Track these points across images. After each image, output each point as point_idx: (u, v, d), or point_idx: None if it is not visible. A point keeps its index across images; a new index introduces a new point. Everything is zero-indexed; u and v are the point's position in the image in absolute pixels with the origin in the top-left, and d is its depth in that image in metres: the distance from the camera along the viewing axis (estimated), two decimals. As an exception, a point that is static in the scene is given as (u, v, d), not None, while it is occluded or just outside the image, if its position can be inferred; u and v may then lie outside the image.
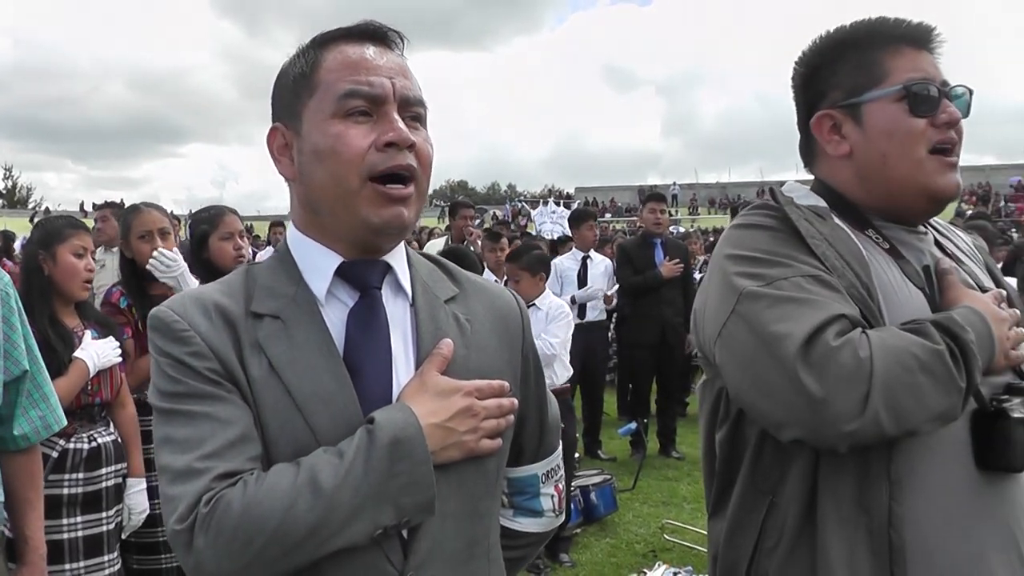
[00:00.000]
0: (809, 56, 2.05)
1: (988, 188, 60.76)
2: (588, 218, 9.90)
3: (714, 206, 69.70)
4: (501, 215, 36.93)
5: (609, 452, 9.56)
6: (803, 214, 1.90)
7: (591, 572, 6.34)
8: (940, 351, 1.68)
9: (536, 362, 1.90)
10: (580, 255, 9.63)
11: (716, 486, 2.01)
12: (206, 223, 4.75)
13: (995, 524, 1.83)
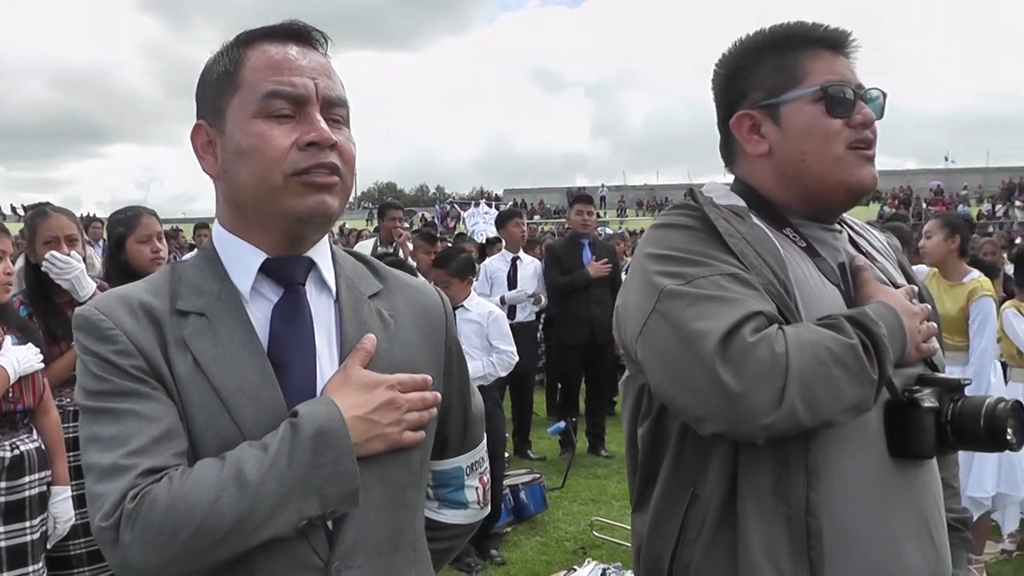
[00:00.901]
0: (729, 58, 2.09)
1: (909, 191, 62.01)
2: (514, 216, 9.94)
3: (642, 208, 70.21)
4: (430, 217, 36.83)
5: (539, 452, 9.61)
6: (722, 213, 1.95)
7: (521, 570, 6.38)
8: (853, 345, 1.73)
9: (459, 356, 1.93)
10: (509, 256, 9.69)
11: (639, 480, 2.05)
12: (123, 225, 4.69)
13: (908, 509, 1.89)
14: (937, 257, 6.09)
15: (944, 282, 6.12)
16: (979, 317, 5.93)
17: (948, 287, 6.09)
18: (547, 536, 7.08)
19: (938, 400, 1.90)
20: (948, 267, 6.13)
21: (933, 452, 1.90)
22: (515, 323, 9.12)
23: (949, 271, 6.13)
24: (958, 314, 6.01)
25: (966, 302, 5.97)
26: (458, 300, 6.60)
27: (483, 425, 2.04)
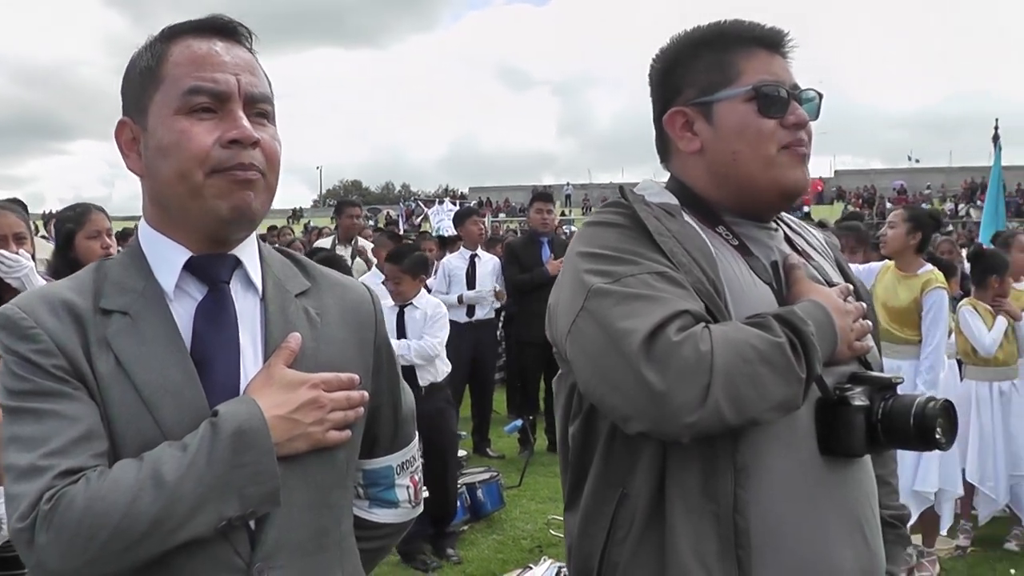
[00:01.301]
0: (666, 53, 2.09)
1: (873, 191, 62.60)
2: (472, 214, 9.97)
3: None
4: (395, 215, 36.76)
5: (498, 450, 9.62)
6: (652, 211, 1.94)
7: (478, 568, 6.38)
8: (780, 343, 1.73)
9: (389, 354, 1.93)
10: (468, 254, 9.67)
11: (570, 479, 2.05)
12: (72, 222, 4.66)
13: (839, 506, 1.90)
14: (895, 247, 6.14)
15: (899, 273, 6.17)
16: (932, 308, 5.99)
17: (902, 278, 6.14)
18: (504, 534, 7.09)
19: (869, 398, 1.90)
20: (904, 259, 6.18)
21: (863, 450, 1.91)
22: (475, 321, 9.14)
23: (905, 263, 6.18)
24: (911, 305, 6.06)
25: (919, 293, 6.02)
26: (408, 297, 6.63)
27: (414, 424, 2.03)
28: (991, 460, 6.46)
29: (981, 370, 6.63)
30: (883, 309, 6.13)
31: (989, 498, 6.56)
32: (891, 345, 6.10)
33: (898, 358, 6.06)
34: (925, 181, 64.71)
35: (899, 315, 6.07)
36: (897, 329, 6.09)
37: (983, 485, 6.47)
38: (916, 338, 6.06)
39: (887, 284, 6.19)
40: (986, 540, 6.82)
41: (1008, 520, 6.90)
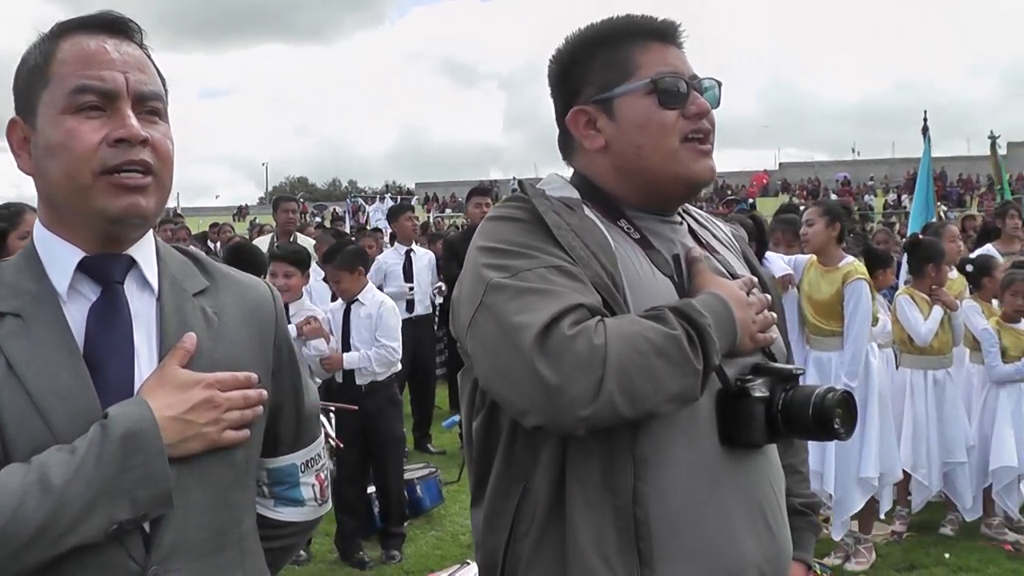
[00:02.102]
0: (563, 53, 2.10)
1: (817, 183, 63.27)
2: (405, 210, 10.00)
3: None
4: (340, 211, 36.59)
5: (440, 445, 9.63)
6: (552, 206, 1.94)
7: (415, 564, 6.37)
8: (676, 335, 1.74)
9: (290, 352, 1.91)
10: (403, 249, 9.67)
11: (475, 475, 2.05)
12: (5, 221, 4.61)
13: (742, 495, 1.92)
14: (818, 244, 6.19)
15: (821, 267, 6.23)
16: (852, 299, 6.05)
17: (824, 272, 6.20)
18: (443, 530, 7.09)
19: (770, 390, 1.92)
20: (827, 254, 6.24)
21: (763, 441, 1.94)
22: (414, 317, 9.13)
23: (827, 258, 6.24)
24: (833, 298, 6.12)
25: (841, 285, 6.08)
26: (352, 293, 6.60)
27: (319, 422, 2.02)
28: (924, 447, 6.55)
29: (916, 359, 6.71)
30: (808, 303, 6.23)
31: (922, 485, 6.65)
32: (818, 338, 6.21)
33: (826, 350, 6.17)
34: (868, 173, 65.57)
35: (824, 308, 6.14)
36: (823, 322, 6.16)
37: (916, 472, 6.56)
38: (841, 330, 6.12)
39: (811, 279, 6.25)
40: (922, 525, 6.92)
41: (943, 506, 7.01)
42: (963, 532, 6.81)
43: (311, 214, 54.07)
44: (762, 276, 2.24)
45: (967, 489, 6.68)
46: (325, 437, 5.71)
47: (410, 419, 9.29)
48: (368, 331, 6.57)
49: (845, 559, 6.20)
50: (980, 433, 6.70)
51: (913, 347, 6.68)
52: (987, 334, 6.66)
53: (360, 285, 6.67)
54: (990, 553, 6.41)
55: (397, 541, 6.67)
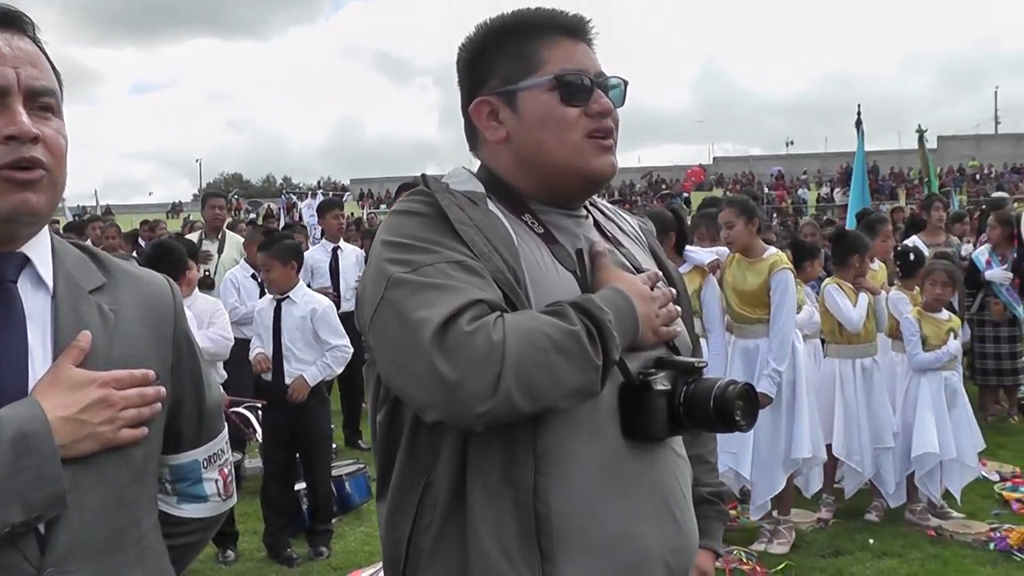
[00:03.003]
0: (471, 43, 2.09)
1: (752, 177, 63.90)
2: (333, 207, 9.93)
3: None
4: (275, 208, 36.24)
5: (369, 442, 9.44)
6: (455, 200, 1.94)
7: (344, 561, 6.34)
8: (575, 331, 1.74)
9: (190, 347, 1.89)
10: (330, 246, 9.63)
11: (380, 468, 2.05)
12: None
13: (646, 488, 1.93)
14: (744, 242, 6.25)
15: (745, 260, 6.29)
16: (779, 288, 6.13)
17: (749, 264, 6.26)
18: (371, 526, 7.03)
19: (672, 383, 1.93)
20: (751, 248, 6.30)
21: (665, 434, 1.95)
22: (341, 313, 9.06)
23: (751, 251, 6.30)
24: (761, 287, 6.20)
25: (767, 275, 6.15)
26: (283, 287, 6.53)
27: (221, 417, 2.00)
28: (856, 434, 6.66)
29: (843, 348, 6.82)
30: (734, 294, 6.30)
31: (855, 471, 6.77)
32: (745, 326, 6.29)
33: (753, 337, 6.25)
34: (802, 167, 66.35)
35: (750, 298, 6.22)
36: (749, 312, 6.24)
37: (850, 459, 6.66)
38: (768, 317, 6.21)
39: (735, 271, 6.32)
40: (847, 512, 7.03)
41: (869, 492, 7.11)
42: (887, 518, 6.93)
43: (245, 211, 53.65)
44: (668, 269, 2.26)
45: (891, 476, 6.79)
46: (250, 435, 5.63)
47: (339, 416, 9.23)
48: (302, 332, 6.51)
49: (768, 542, 6.28)
50: (903, 420, 6.82)
51: (841, 336, 6.78)
52: (909, 323, 6.79)
53: (292, 282, 6.60)
54: (913, 538, 6.52)
55: (325, 538, 6.64)
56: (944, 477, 6.76)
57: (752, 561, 6.02)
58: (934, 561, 6.08)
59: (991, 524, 6.69)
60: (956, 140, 64.11)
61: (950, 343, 6.80)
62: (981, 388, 10.28)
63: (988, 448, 8.36)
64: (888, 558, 6.17)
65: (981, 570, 5.91)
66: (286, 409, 6.41)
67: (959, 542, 6.44)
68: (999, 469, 8.02)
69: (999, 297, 9.92)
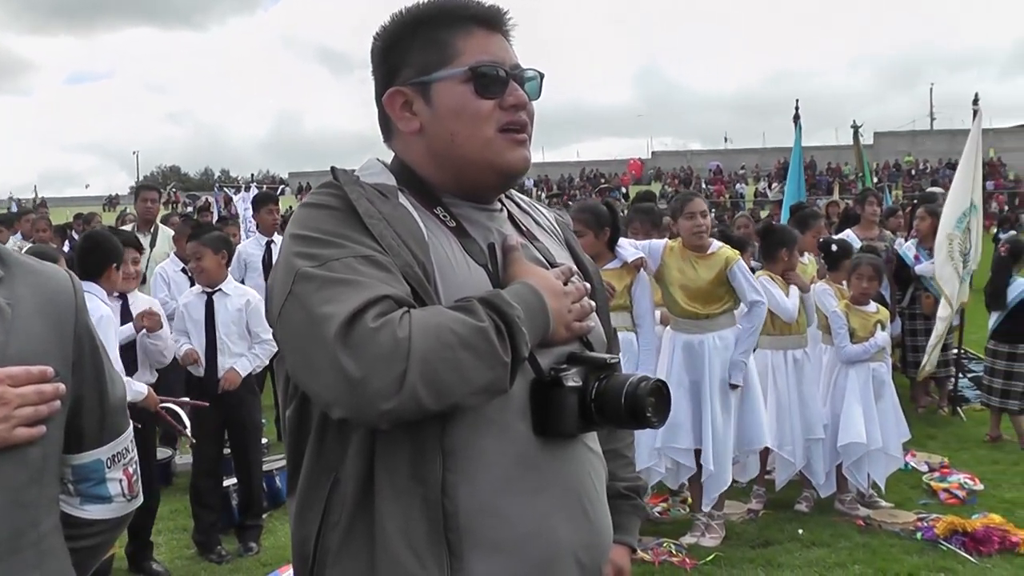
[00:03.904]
0: (386, 32, 2.06)
1: (690, 171, 64.42)
2: (268, 202, 9.85)
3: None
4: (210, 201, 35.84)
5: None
6: (365, 193, 1.91)
7: (273, 556, 6.28)
8: (483, 327, 1.72)
9: (92, 343, 1.85)
10: (264, 240, 9.52)
11: (290, 464, 2.02)
12: None
13: (557, 484, 1.92)
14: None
15: (693, 255, 6.30)
16: (742, 279, 6.23)
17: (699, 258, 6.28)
18: (303, 521, 6.95)
19: (584, 379, 1.92)
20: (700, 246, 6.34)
21: (576, 431, 1.93)
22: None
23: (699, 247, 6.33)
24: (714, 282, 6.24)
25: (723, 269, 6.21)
26: (214, 279, 6.44)
27: (126, 414, 1.96)
28: (788, 425, 6.73)
29: (775, 339, 6.88)
30: (680, 290, 6.28)
31: (787, 462, 6.85)
32: (690, 322, 6.29)
33: (699, 333, 6.27)
34: (740, 161, 66.94)
35: (702, 294, 6.23)
36: (700, 308, 6.25)
37: (781, 450, 6.73)
38: (718, 311, 6.27)
39: (682, 267, 6.30)
40: (777, 503, 7.10)
41: (799, 483, 7.19)
42: (817, 508, 7.01)
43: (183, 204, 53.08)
44: (584, 264, 2.25)
45: (821, 466, 6.88)
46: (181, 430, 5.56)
47: (271, 411, 9.15)
48: (237, 325, 6.44)
49: (701, 535, 6.33)
50: (832, 412, 6.90)
51: (773, 328, 6.83)
52: (836, 316, 6.89)
53: (223, 273, 6.52)
54: (842, 528, 6.60)
55: (255, 533, 6.58)
56: (869, 466, 6.85)
57: (682, 553, 6.06)
58: (862, 550, 6.16)
59: (919, 514, 6.78)
60: (892, 136, 64.99)
61: (878, 335, 6.90)
62: (912, 380, 10.44)
63: (918, 439, 8.53)
64: (817, 548, 6.24)
65: (908, 559, 5.99)
66: (219, 403, 6.34)
67: (887, 531, 6.52)
68: (928, 460, 8.12)
69: (929, 290, 10.07)
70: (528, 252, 2.04)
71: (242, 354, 6.43)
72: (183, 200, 55.20)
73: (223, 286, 6.47)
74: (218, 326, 6.41)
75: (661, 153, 73.81)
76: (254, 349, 6.45)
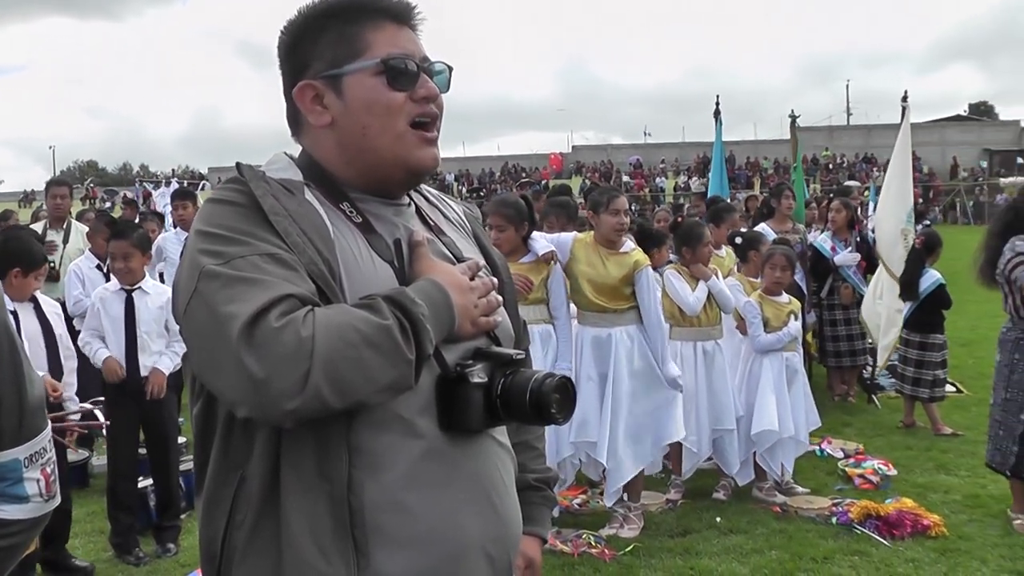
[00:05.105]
0: (294, 25, 2.05)
1: (610, 166, 64.66)
2: (186, 197, 9.73)
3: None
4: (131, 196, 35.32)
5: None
6: (270, 189, 1.91)
7: (191, 557, 6.21)
8: (387, 325, 1.73)
9: (11, 341, 1.82)
10: (184, 235, 9.33)
11: (198, 463, 2.01)
12: None
13: (464, 479, 1.93)
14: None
15: (605, 251, 6.33)
16: (645, 287, 6.30)
17: (610, 255, 6.31)
18: (222, 521, 6.89)
19: (489, 375, 1.94)
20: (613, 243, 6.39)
21: (482, 427, 1.95)
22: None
23: (612, 244, 6.38)
24: (621, 281, 6.28)
25: (631, 271, 6.26)
26: (138, 277, 6.34)
27: (44, 414, 1.92)
28: (693, 416, 6.82)
29: (685, 331, 6.98)
30: (588, 284, 6.32)
31: (691, 452, 6.93)
32: (597, 315, 6.33)
33: (607, 326, 6.31)
34: (660, 156, 67.26)
35: (609, 290, 6.27)
36: (606, 302, 6.29)
37: (686, 440, 6.80)
38: (625, 307, 6.30)
39: (592, 261, 6.33)
40: (695, 492, 7.20)
41: (716, 473, 7.31)
42: (736, 497, 7.15)
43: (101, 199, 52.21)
44: (493, 257, 2.26)
45: (735, 456, 7.00)
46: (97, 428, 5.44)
47: (188, 409, 9.02)
48: (157, 324, 6.36)
49: (620, 526, 6.38)
50: (747, 402, 7.02)
51: (683, 320, 6.93)
52: (750, 307, 7.01)
53: (143, 272, 6.44)
54: (759, 515, 6.72)
55: (173, 534, 6.51)
56: (782, 453, 7.01)
57: (601, 544, 6.11)
58: (779, 536, 6.28)
59: (834, 499, 6.92)
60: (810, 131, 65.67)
61: (791, 325, 7.04)
62: (829, 369, 10.67)
63: (834, 426, 8.73)
64: (734, 535, 6.34)
65: (823, 543, 6.11)
66: (137, 402, 6.26)
67: (803, 517, 6.65)
68: (844, 446, 8.30)
69: (848, 281, 10.29)
70: (435, 247, 2.05)
71: (162, 352, 6.35)
72: (101, 195, 54.29)
73: (142, 284, 6.37)
74: (139, 324, 6.30)
75: (582, 147, 73.81)
76: (173, 347, 6.36)
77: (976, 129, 66.94)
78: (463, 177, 64.30)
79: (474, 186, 57.25)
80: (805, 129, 63.64)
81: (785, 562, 5.83)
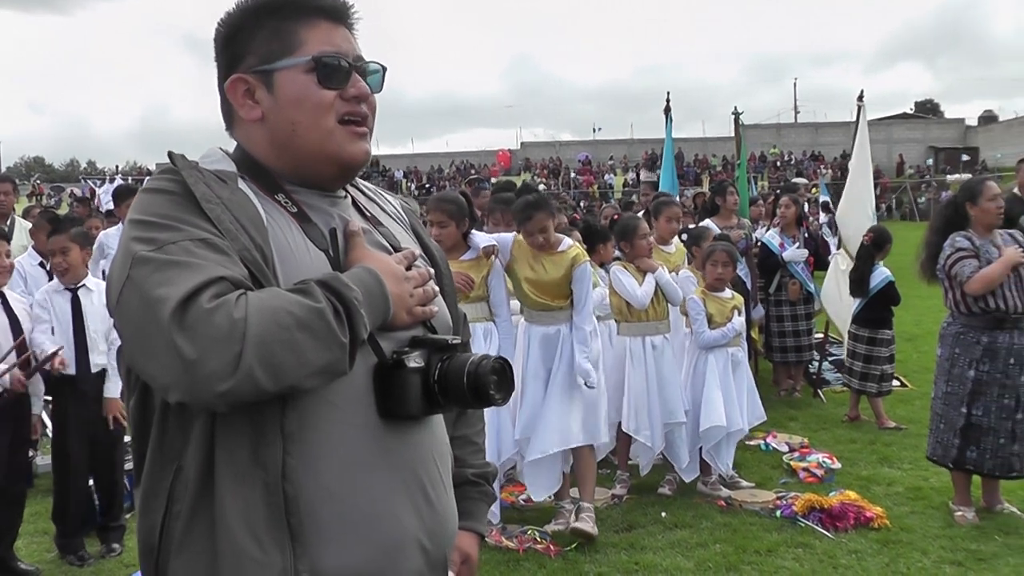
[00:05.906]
0: (230, 18, 2.05)
1: (559, 162, 64.71)
2: (129, 195, 9.63)
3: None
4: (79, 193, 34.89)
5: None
6: (202, 178, 1.91)
7: (135, 557, 6.10)
8: (320, 308, 1.73)
9: None
10: (128, 230, 9.23)
11: (135, 455, 2.00)
12: None
13: (399, 468, 1.93)
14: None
15: (542, 252, 6.30)
16: (582, 283, 6.27)
17: (547, 256, 6.29)
18: (168, 519, 6.82)
19: (427, 361, 1.94)
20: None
21: (420, 413, 1.95)
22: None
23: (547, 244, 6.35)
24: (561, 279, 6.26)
25: (569, 268, 6.24)
26: (79, 275, 6.27)
27: None
28: (646, 411, 6.86)
29: (633, 326, 7.00)
30: (529, 284, 6.30)
31: (647, 447, 6.97)
32: (544, 314, 6.33)
33: (554, 324, 6.32)
34: (608, 152, 67.38)
35: (551, 289, 6.25)
36: (549, 300, 6.28)
37: (639, 435, 6.85)
38: (565, 304, 6.31)
39: (531, 262, 6.31)
40: (641, 487, 7.26)
41: (663, 468, 7.36)
42: (681, 491, 7.20)
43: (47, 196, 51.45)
44: (431, 249, 2.28)
45: (684, 450, 7.05)
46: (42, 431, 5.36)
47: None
48: (104, 323, 6.27)
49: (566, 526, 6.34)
50: (693, 396, 7.07)
51: (631, 315, 6.95)
52: (693, 303, 7.06)
53: (86, 269, 6.37)
54: (704, 509, 6.78)
55: (118, 533, 6.46)
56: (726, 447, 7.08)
57: (546, 540, 6.12)
58: (723, 530, 6.34)
59: (778, 493, 7.01)
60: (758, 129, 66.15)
61: (735, 320, 7.10)
62: (776, 364, 10.78)
63: (779, 420, 8.82)
64: (679, 529, 6.39)
65: (767, 536, 6.18)
66: (82, 401, 6.20)
67: (748, 511, 6.73)
68: (788, 440, 8.40)
69: (796, 277, 10.39)
70: (371, 237, 2.06)
71: (105, 351, 6.28)
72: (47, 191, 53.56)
73: (86, 282, 6.30)
74: (87, 323, 6.23)
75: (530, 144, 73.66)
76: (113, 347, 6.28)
77: (922, 127, 67.80)
78: (412, 174, 64.09)
79: (423, 183, 57.09)
80: (753, 126, 64.29)
81: (729, 555, 5.87)
